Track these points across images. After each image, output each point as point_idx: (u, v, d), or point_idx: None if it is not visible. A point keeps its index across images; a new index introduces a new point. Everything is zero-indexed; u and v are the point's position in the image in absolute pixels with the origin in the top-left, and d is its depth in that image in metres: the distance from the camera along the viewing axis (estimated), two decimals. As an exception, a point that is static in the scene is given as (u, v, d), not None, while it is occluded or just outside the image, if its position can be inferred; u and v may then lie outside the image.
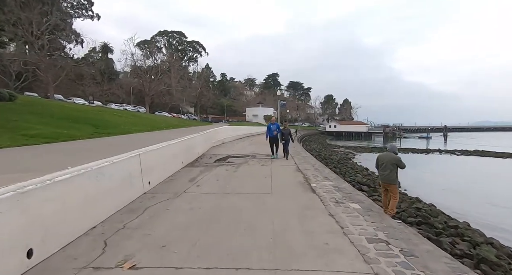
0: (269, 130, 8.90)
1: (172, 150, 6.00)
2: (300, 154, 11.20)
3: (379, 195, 9.85)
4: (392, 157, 4.18)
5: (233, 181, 5.18)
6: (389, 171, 4.13)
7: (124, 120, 16.52)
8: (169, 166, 5.70)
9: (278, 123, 9.41)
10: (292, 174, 6.05)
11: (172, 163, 5.93)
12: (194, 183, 4.97)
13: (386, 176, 4.20)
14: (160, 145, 5.21)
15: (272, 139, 8.90)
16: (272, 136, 8.85)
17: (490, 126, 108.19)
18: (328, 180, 5.46)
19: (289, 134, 8.98)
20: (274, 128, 8.81)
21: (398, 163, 4.16)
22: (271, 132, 8.83)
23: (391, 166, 4.13)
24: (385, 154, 4.35)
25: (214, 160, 8.60)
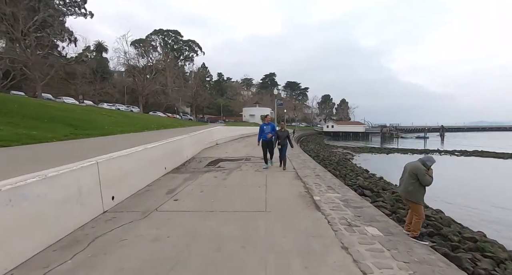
0: (261, 132, 7.03)
1: (150, 154, 5.10)
2: (299, 157, 10.36)
3: (383, 201, 9.09)
4: (414, 165, 3.34)
5: (221, 193, 4.31)
6: (406, 182, 3.30)
7: (111, 121, 15.54)
8: (145, 174, 4.80)
9: (273, 123, 7.46)
10: (291, 182, 5.19)
11: (149, 170, 5.03)
12: (172, 196, 4.08)
13: (402, 188, 3.37)
14: (133, 150, 4.31)
15: (266, 143, 7.04)
16: (265, 139, 6.97)
17: (485, 126, 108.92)
18: (332, 190, 4.61)
19: (287, 138, 7.06)
20: (268, 130, 6.98)
21: (419, 174, 3.26)
22: (264, 135, 6.97)
23: (408, 177, 3.30)
24: (411, 162, 3.51)
25: (203, 164, 7.72)
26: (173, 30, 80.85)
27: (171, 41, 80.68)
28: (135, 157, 4.33)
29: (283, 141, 6.97)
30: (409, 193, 3.31)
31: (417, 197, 3.30)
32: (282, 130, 7.10)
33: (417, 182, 3.25)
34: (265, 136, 6.97)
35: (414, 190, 3.28)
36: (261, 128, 7.13)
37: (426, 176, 3.23)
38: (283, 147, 7.00)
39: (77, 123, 11.01)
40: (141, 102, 45.69)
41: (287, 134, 7.10)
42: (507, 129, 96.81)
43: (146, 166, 4.85)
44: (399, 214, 7.77)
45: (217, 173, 6.19)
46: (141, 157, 4.62)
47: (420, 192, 3.32)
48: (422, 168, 3.29)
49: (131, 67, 46.95)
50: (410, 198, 3.33)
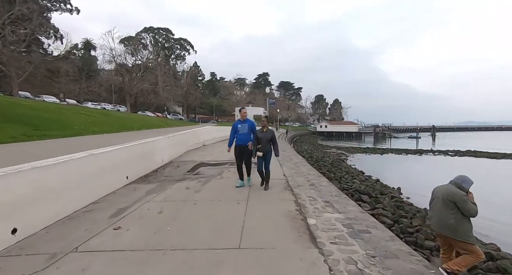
0: (234, 133, 4.90)
1: (99, 162, 4.00)
2: (292, 160, 9.37)
3: (383, 208, 8.24)
4: (448, 190, 2.36)
5: (185, 214, 3.25)
6: (443, 213, 2.33)
7: (87, 120, 14.20)
8: (88, 189, 3.68)
9: (253, 120, 5.26)
10: (280, 195, 4.17)
11: (97, 183, 3.91)
12: (116, 221, 2.99)
13: (437, 221, 2.40)
14: (65, 158, 3.21)
15: (240, 150, 4.80)
16: (240, 144, 4.79)
17: (474, 126, 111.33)
18: (331, 207, 3.62)
19: (270, 141, 4.74)
20: (244, 130, 4.82)
21: (459, 202, 2.33)
22: (239, 138, 4.83)
23: (443, 206, 2.33)
24: (443, 185, 2.53)
25: (180, 170, 6.63)
26: (164, 28, 79.11)
27: (162, 40, 78.86)
28: (69, 168, 3.21)
29: (266, 146, 4.58)
30: (451, 229, 2.32)
31: (463, 232, 2.32)
32: (264, 131, 4.67)
33: (459, 212, 2.28)
34: (241, 141, 4.80)
35: (457, 224, 2.29)
36: (234, 127, 4.86)
37: (468, 204, 2.26)
38: (266, 156, 4.59)
39: (40, 123, 9.72)
40: (128, 102, 43.90)
41: (271, 137, 4.67)
42: (494, 129, 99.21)
43: (92, 177, 3.74)
44: (402, 223, 6.91)
45: (192, 182, 5.11)
46: (82, 166, 3.52)
47: (466, 226, 2.33)
48: (461, 193, 2.31)
49: (119, 66, 45.11)
50: (453, 234, 2.35)
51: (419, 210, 8.98)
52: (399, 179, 15.00)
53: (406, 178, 15.39)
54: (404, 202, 10.11)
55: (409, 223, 7.09)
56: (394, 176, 15.98)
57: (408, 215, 7.84)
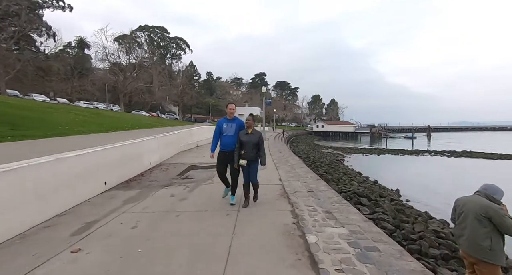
0: (219, 134, 3.91)
1: (68, 167, 3.49)
2: (288, 161, 8.93)
3: (383, 212, 7.86)
4: (480, 204, 1.92)
5: (163, 230, 2.75)
6: (475, 231, 1.90)
7: (76, 120, 13.57)
8: (53, 199, 3.15)
9: (241, 120, 4.06)
10: (275, 204, 3.70)
11: (65, 191, 3.38)
12: (77, 241, 2.48)
13: (467, 240, 1.97)
14: (21, 163, 2.71)
15: (225, 156, 3.81)
16: (225, 149, 3.81)
17: (468, 127, 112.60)
18: (333, 219, 3.18)
19: (256, 146, 3.70)
20: (231, 131, 3.82)
21: (495, 217, 1.92)
22: (224, 141, 3.83)
23: (475, 223, 1.90)
24: (470, 197, 2.10)
25: (169, 173, 6.13)
26: (159, 26, 78.19)
27: (158, 38, 77.93)
28: (22, 176, 2.68)
29: (251, 152, 3.60)
30: (483, 250, 1.89)
31: (495, 254, 1.89)
32: (249, 133, 3.69)
33: (494, 230, 1.85)
34: (226, 143, 3.75)
35: (491, 245, 1.87)
36: (219, 127, 3.87)
37: (507, 219, 1.83)
38: (251, 165, 3.63)
39: (21, 123, 9.10)
40: (122, 101, 43.01)
41: (257, 140, 3.66)
42: (488, 129, 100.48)
43: (58, 185, 3.24)
44: (404, 229, 6.53)
45: (178, 188, 4.62)
46: (45, 173, 3.01)
47: (500, 247, 1.91)
48: (496, 207, 1.87)
49: (112, 64, 44.19)
50: (483, 256, 1.92)
51: (420, 214, 8.63)
52: (397, 180, 14.71)
53: (404, 179, 15.10)
54: (404, 205, 9.77)
55: (412, 229, 6.71)
56: (391, 177, 15.69)
57: (409, 220, 7.47)
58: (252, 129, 3.76)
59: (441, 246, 5.84)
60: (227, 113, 3.98)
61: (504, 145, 35.58)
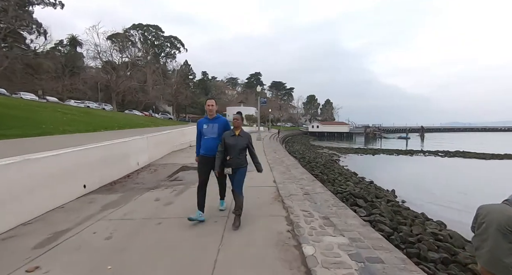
0: (200, 138, 3.30)
1: (41, 168, 3.15)
2: (283, 162, 8.67)
3: (380, 214, 7.67)
4: (509, 215, 1.66)
5: (142, 240, 2.40)
6: (498, 246, 1.65)
7: (63, 119, 13.06)
8: (19, 205, 2.79)
9: (226, 119, 3.45)
10: (268, 210, 3.41)
11: (35, 196, 3.02)
12: (38, 255, 2.13)
13: (489, 254, 1.71)
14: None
15: (206, 162, 3.19)
16: (205, 155, 3.20)
17: (460, 127, 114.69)
18: (331, 227, 2.91)
19: (244, 150, 3.13)
20: (213, 133, 3.20)
21: None
22: (204, 145, 3.22)
23: (499, 236, 1.64)
24: (495, 206, 1.83)
25: (157, 175, 5.79)
26: (153, 25, 77.34)
27: (152, 37, 77.03)
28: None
29: (238, 158, 3.02)
30: (505, 268, 1.63)
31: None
32: (237, 135, 3.07)
33: None
34: (207, 147, 3.15)
35: None
36: (198, 127, 3.26)
37: None
38: (237, 173, 3.04)
39: (4, 121, 8.61)
40: (114, 100, 42.17)
41: (246, 144, 3.08)
42: (479, 130, 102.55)
43: (27, 189, 2.89)
44: (402, 231, 6.34)
45: (165, 192, 4.30)
46: (9, 176, 2.66)
47: None
48: None
49: (105, 63, 43.28)
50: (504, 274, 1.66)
51: (417, 216, 8.50)
52: (392, 180, 14.65)
53: (399, 179, 15.05)
54: (401, 206, 9.63)
55: (409, 231, 6.53)
56: (387, 177, 15.62)
57: (407, 221, 7.31)
58: (240, 130, 3.06)
59: (440, 249, 5.67)
60: (206, 111, 3.24)
61: (495, 145, 36.20)
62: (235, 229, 2.79)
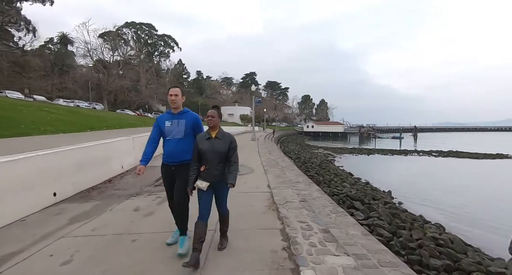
0: (157, 136, 2.48)
1: (5, 174, 2.69)
2: (278, 164, 8.31)
3: (378, 217, 7.40)
4: None
5: (108, 264, 1.95)
6: None
7: (47, 118, 12.41)
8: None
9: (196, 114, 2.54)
10: (260, 221, 2.98)
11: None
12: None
13: None
14: None
15: (170, 173, 2.40)
16: (169, 163, 2.39)
17: (452, 127, 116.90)
18: (333, 243, 2.54)
19: (224, 158, 2.26)
20: (178, 133, 2.37)
21: None
22: (166, 150, 2.40)
23: None
24: None
25: (141, 179, 5.33)
26: (146, 23, 76.31)
27: (145, 36, 75.94)
28: None
29: (216, 168, 2.21)
30: None
31: None
32: (214, 137, 2.26)
33: None
34: (170, 152, 2.38)
35: None
36: (158, 125, 2.48)
37: None
38: (217, 189, 2.30)
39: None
40: (105, 99, 41.15)
41: (226, 149, 2.25)
42: (470, 130, 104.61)
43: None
44: (401, 236, 6.05)
45: (146, 199, 3.87)
46: None
47: None
48: None
49: (96, 61, 42.18)
50: None
51: (415, 218, 8.26)
52: (388, 180, 14.50)
53: (395, 180, 14.93)
54: (398, 208, 9.41)
55: (409, 236, 6.26)
56: (382, 178, 15.48)
57: (406, 225, 7.04)
58: (219, 132, 2.25)
59: (442, 255, 5.40)
60: (170, 101, 2.36)
61: (485, 145, 36.77)
62: (221, 249, 2.33)
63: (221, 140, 2.25)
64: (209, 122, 2.26)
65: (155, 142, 2.47)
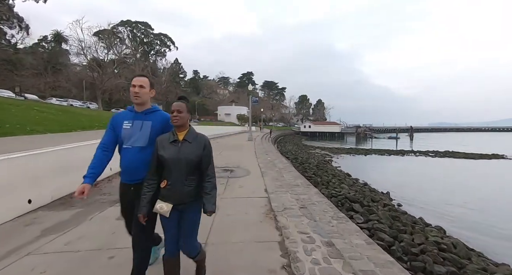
0: (111, 146, 1.82)
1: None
2: (275, 165, 8.03)
3: (379, 220, 7.18)
4: None
5: None
6: None
7: (36, 117, 11.96)
8: None
9: (164, 113, 1.88)
10: (256, 231, 2.58)
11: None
12: None
13: None
14: None
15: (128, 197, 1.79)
16: (128, 181, 1.79)
17: (447, 128, 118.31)
18: (340, 262, 2.26)
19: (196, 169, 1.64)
20: (140, 137, 1.73)
21: None
22: (125, 163, 1.76)
23: None
24: None
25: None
26: (142, 22, 75.57)
27: (141, 34, 75.17)
28: None
29: (183, 183, 1.59)
30: None
31: None
32: (180, 141, 1.62)
33: None
34: (132, 167, 1.73)
35: None
36: (113, 126, 1.84)
37: None
38: (185, 213, 1.64)
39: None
40: (99, 98, 40.47)
41: (198, 156, 1.62)
42: (464, 130, 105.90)
43: None
44: (403, 241, 5.82)
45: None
46: None
47: None
48: None
49: (90, 59, 41.44)
50: None
51: (415, 221, 8.06)
52: (386, 181, 14.37)
53: (392, 180, 14.80)
54: (398, 210, 9.23)
55: (411, 240, 6.03)
56: (380, 178, 15.35)
57: (407, 229, 6.83)
58: (189, 132, 1.64)
59: (446, 261, 5.18)
60: (132, 91, 1.76)
61: (481, 145, 37.07)
62: None
63: (192, 143, 1.60)
64: (174, 121, 1.58)
65: (107, 149, 1.77)
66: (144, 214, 1.57)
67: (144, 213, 1.57)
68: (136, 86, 1.76)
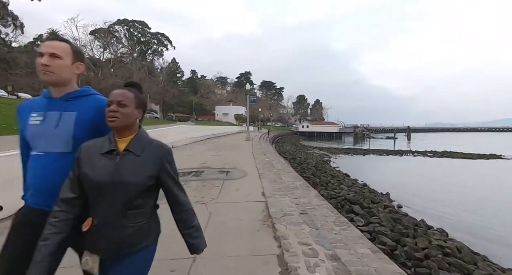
0: (27, 155, 1.08)
1: None
2: (273, 166, 7.78)
3: (380, 223, 6.96)
4: None
5: None
6: None
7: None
8: None
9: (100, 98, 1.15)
10: (252, 244, 2.35)
11: None
12: None
13: None
14: None
15: (26, 230, 1.01)
16: (32, 204, 1.05)
17: (444, 128, 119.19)
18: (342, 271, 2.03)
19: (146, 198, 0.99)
20: (48, 138, 1.03)
21: None
22: (31, 179, 1.04)
23: None
24: None
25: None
26: (139, 21, 74.87)
27: (138, 33, 74.48)
28: None
29: (121, 220, 0.93)
30: None
31: None
32: (120, 152, 0.97)
33: None
34: (40, 182, 1.03)
35: None
36: (22, 119, 1.09)
37: None
38: (120, 264, 0.95)
39: None
40: (95, 98, 39.92)
41: (153, 176, 0.99)
42: (461, 130, 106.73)
43: None
44: (406, 245, 5.59)
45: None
46: None
47: None
48: None
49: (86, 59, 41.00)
50: None
51: (417, 223, 7.85)
52: (385, 182, 14.22)
53: (391, 181, 14.65)
54: (398, 212, 9.03)
55: (414, 244, 5.81)
56: (379, 179, 15.20)
57: (409, 232, 6.62)
58: (135, 138, 1.01)
59: (451, 267, 4.96)
60: (38, 72, 1.06)
61: (478, 145, 37.23)
62: None
63: (139, 157, 0.98)
64: (110, 119, 0.96)
65: (23, 155, 1.17)
66: None
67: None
68: (45, 54, 1.03)
